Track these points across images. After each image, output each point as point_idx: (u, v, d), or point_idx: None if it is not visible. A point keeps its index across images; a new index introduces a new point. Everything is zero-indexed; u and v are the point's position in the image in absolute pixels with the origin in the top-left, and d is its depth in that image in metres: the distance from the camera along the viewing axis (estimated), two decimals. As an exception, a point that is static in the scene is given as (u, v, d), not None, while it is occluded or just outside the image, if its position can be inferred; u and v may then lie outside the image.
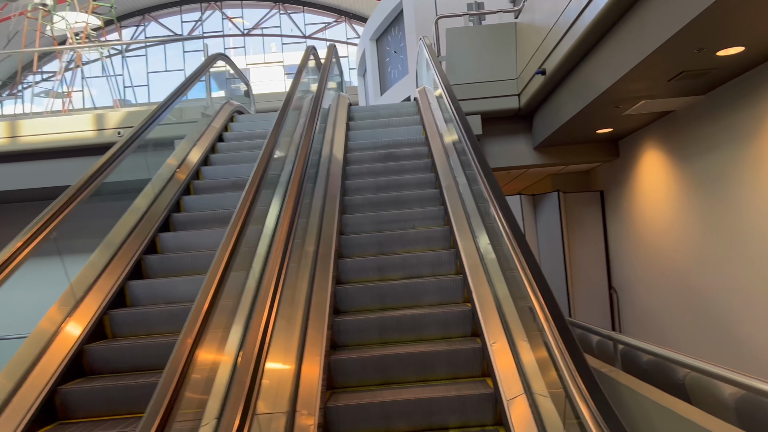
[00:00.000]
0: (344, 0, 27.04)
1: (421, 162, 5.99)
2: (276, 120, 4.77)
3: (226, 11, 27.98)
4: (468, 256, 4.17)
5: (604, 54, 5.34)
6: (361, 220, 5.04)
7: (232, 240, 2.99)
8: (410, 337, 3.72)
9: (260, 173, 3.84)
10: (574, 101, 6.32)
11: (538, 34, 6.61)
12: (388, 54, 15.69)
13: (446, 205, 4.93)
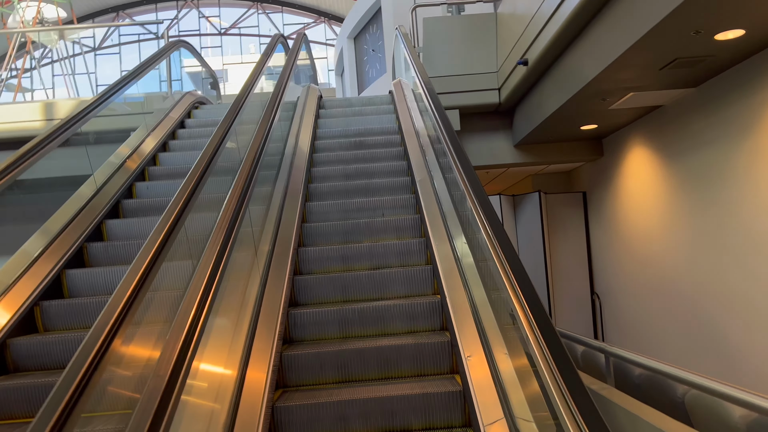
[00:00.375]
0: (324, 1, 26.55)
1: (394, 150, 5.56)
2: (230, 106, 4.28)
3: (203, 10, 27.31)
4: (441, 253, 3.73)
5: (591, 39, 4.90)
6: (326, 209, 4.69)
7: (166, 225, 2.50)
8: (374, 330, 3.47)
9: (207, 157, 3.38)
10: (558, 93, 5.88)
11: (520, 23, 6.17)
12: (366, 52, 15.22)
13: (419, 197, 4.48)
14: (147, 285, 2.21)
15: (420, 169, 4.94)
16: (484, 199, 2.92)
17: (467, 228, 3.47)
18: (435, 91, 4.76)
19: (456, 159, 3.43)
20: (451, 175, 3.78)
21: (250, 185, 3.32)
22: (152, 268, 2.25)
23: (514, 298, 2.26)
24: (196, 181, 3.15)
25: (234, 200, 2.98)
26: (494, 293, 2.94)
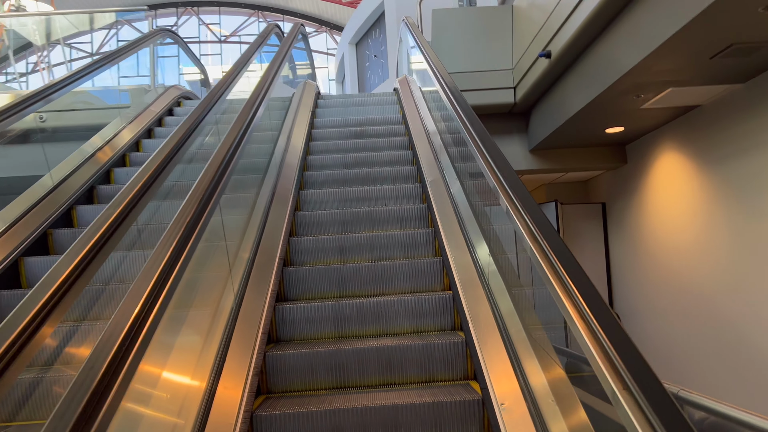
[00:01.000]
0: (325, 10, 26.04)
1: (402, 153, 4.83)
2: (207, 94, 3.62)
3: (203, 17, 26.77)
4: (459, 264, 3.02)
5: (630, 23, 4.21)
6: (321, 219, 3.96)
7: (119, 207, 2.23)
8: (374, 330, 3.07)
9: (177, 139, 2.80)
10: (585, 89, 5.19)
11: (542, 12, 5.49)
12: (368, 58, 14.59)
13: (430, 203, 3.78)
14: (88, 273, 1.86)
15: (431, 170, 4.24)
16: (518, 186, 2.25)
17: (489, 228, 2.78)
18: (448, 74, 4.07)
19: (482, 146, 2.73)
20: (468, 166, 3.10)
21: (224, 168, 2.63)
22: (95, 254, 1.93)
23: (569, 302, 1.57)
24: (158, 167, 2.57)
25: (206, 180, 2.34)
26: (519, 289, 2.54)
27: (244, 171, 3.68)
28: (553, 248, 1.85)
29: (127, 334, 1.45)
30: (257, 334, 2.67)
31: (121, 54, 5.43)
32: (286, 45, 5.27)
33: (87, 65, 4.73)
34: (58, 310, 1.63)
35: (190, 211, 2.11)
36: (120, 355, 1.39)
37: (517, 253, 2.61)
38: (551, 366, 2.21)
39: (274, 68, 4.47)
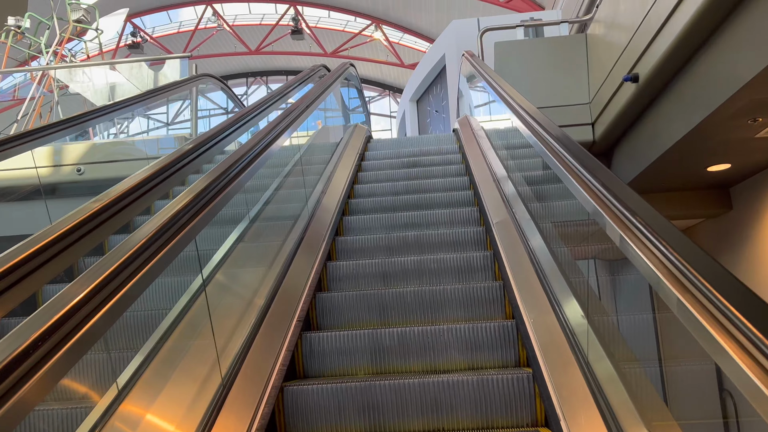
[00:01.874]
0: (388, 75, 26.15)
1: (465, 210, 3.96)
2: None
3: (272, 86, 27.44)
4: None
5: (753, 17, 3.29)
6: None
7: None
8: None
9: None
10: (683, 115, 4.23)
11: (623, 34, 4.65)
12: (429, 114, 14.04)
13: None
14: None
15: (507, 233, 3.33)
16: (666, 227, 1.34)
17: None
18: (525, 99, 3.26)
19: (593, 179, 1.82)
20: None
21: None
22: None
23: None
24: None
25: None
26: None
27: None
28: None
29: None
30: (274, 367, 1.81)
31: (150, 97, 4.94)
32: (324, 84, 4.62)
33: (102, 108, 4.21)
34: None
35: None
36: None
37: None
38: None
39: (299, 110, 3.78)
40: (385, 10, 20.99)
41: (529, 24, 6.04)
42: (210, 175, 2.21)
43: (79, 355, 1.20)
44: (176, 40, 22.42)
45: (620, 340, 2.10)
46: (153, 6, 20.81)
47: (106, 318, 1.32)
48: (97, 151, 6.14)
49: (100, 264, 1.45)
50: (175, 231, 1.82)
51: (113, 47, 21.68)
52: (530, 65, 5.76)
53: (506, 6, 17.57)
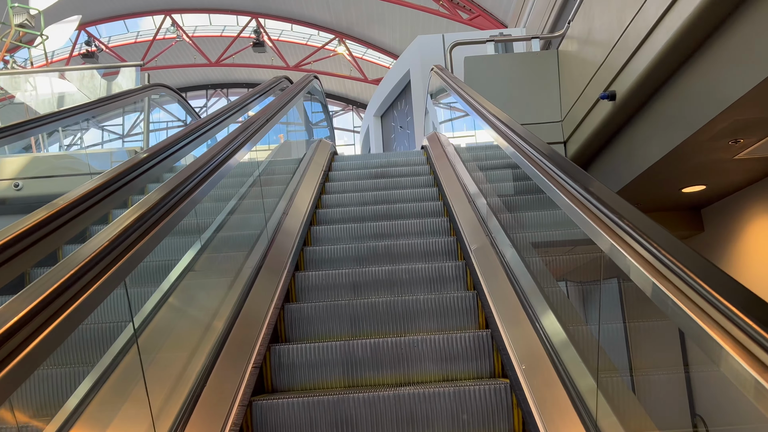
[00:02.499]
0: (351, 90, 25.94)
1: (435, 222, 3.67)
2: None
3: (232, 98, 26.87)
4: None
5: (743, 32, 3.12)
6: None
7: None
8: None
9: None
10: (663, 136, 4.05)
11: (598, 51, 4.48)
12: (393, 130, 13.82)
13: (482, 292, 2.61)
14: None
15: (479, 243, 3.09)
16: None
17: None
18: (499, 110, 3.02)
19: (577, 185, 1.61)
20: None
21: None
22: None
23: None
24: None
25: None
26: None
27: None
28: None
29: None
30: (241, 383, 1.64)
31: (97, 106, 4.51)
32: (287, 97, 4.29)
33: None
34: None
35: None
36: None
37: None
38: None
39: (254, 126, 3.44)
40: (348, 24, 20.80)
41: (500, 39, 5.85)
42: (157, 193, 1.87)
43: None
44: (133, 50, 21.71)
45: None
46: (109, 14, 20.11)
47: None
48: (39, 164, 5.64)
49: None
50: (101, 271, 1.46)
51: (66, 56, 20.82)
52: (501, 81, 5.56)
53: (469, 23, 17.59)
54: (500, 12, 17.39)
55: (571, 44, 5.25)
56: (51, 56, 21.49)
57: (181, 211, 2.03)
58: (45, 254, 1.44)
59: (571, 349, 2.10)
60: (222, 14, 20.80)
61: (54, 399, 1.59)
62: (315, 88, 6.26)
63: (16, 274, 1.29)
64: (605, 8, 4.39)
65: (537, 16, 11.84)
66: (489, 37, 5.88)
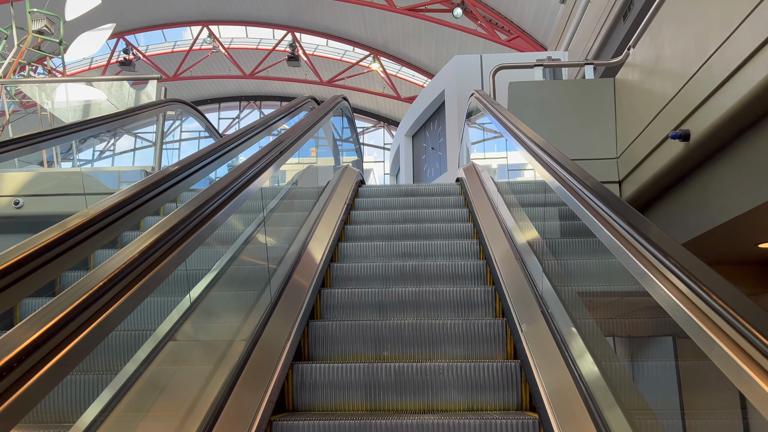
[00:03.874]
0: (384, 107, 25.51)
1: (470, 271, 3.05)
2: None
3: (265, 111, 26.69)
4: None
5: None
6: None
7: None
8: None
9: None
10: (747, 185, 3.38)
11: (672, 79, 3.83)
12: (424, 151, 13.24)
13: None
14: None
15: (528, 311, 2.48)
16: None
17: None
18: (556, 149, 2.45)
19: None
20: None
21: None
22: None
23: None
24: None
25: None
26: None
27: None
28: None
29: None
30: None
31: (106, 122, 4.04)
32: (312, 120, 3.74)
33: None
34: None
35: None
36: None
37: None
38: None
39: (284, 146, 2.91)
40: (384, 41, 20.39)
41: (550, 64, 5.23)
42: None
43: None
44: (169, 60, 21.65)
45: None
46: (148, 24, 20.06)
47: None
48: (43, 181, 5.20)
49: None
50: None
51: (103, 63, 20.85)
52: (549, 110, 4.94)
53: (507, 44, 17.01)
54: (540, 34, 16.76)
55: (631, 72, 4.61)
56: (89, 62, 21.57)
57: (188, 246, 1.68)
58: (46, 281, 1.31)
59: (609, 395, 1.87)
60: (259, 27, 20.59)
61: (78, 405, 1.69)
62: (343, 110, 5.72)
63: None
64: (680, 34, 3.75)
65: (581, 40, 11.19)
66: (536, 61, 5.27)
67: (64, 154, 6.40)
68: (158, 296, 1.67)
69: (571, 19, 12.83)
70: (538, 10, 15.93)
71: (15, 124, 7.30)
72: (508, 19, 16.83)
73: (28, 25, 6.28)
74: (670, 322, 1.43)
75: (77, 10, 10.69)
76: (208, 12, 19.69)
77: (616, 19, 9.13)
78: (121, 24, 19.49)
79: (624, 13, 8.83)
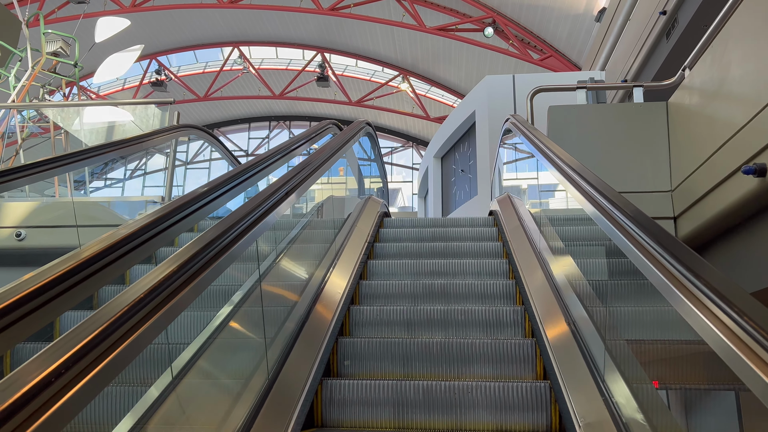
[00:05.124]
0: (413, 127, 25.15)
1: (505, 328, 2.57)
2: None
3: (294, 131, 26.59)
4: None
5: None
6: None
7: None
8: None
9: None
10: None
11: (741, 103, 3.31)
12: (454, 173, 12.76)
13: None
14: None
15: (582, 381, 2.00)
16: None
17: None
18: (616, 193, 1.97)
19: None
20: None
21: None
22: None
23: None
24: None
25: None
26: None
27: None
28: None
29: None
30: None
31: (110, 150, 3.69)
32: (342, 140, 3.31)
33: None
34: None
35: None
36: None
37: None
38: None
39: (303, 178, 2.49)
40: (413, 61, 20.08)
41: (593, 86, 4.73)
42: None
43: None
44: (200, 80, 21.72)
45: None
46: (180, 45, 20.16)
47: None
48: (49, 211, 4.89)
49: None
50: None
51: (136, 84, 21.00)
52: (593, 137, 4.44)
53: (540, 64, 16.49)
54: (574, 53, 16.22)
55: (689, 96, 4.08)
56: (123, 84, 21.78)
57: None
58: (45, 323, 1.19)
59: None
60: (289, 48, 20.51)
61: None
62: (367, 136, 5.30)
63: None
64: (752, 53, 3.24)
65: (619, 60, 10.64)
66: (577, 83, 4.78)
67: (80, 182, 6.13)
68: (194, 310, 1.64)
69: (607, 38, 12.29)
70: (572, 29, 15.41)
71: (35, 149, 7.10)
72: (541, 38, 16.34)
73: (42, 46, 6.07)
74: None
75: (107, 32, 10.60)
76: (239, 33, 19.70)
77: (658, 38, 8.58)
78: (153, 45, 19.63)
79: (667, 32, 8.27)
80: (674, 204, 4.16)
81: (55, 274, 1.22)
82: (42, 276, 1.18)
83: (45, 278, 1.18)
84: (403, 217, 5.20)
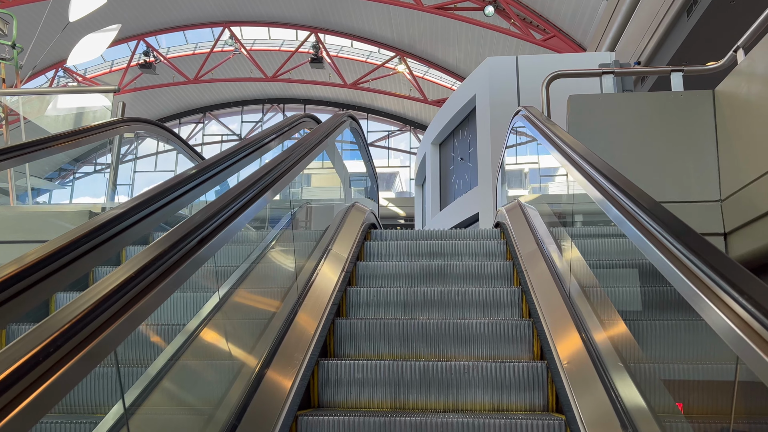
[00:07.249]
0: (410, 110, 24.20)
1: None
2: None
3: (288, 113, 25.64)
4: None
5: None
6: None
7: None
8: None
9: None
10: None
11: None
12: (452, 161, 11.92)
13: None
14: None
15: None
16: None
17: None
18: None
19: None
20: None
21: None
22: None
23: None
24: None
25: None
26: None
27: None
28: None
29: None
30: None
31: (34, 149, 2.87)
32: (318, 138, 2.50)
33: None
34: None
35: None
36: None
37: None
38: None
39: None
40: (411, 42, 19.07)
41: (621, 71, 3.87)
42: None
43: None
44: (190, 62, 20.70)
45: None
46: (168, 25, 19.11)
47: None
48: (26, 220, 4.03)
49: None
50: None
51: (124, 66, 19.99)
52: (621, 131, 3.61)
53: (542, 44, 15.54)
54: (578, 33, 15.25)
55: (745, 84, 3.24)
56: (110, 66, 20.77)
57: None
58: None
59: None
60: (282, 28, 19.48)
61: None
62: (351, 131, 4.46)
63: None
64: None
65: (632, 40, 9.74)
66: (600, 67, 3.93)
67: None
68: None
69: (615, 17, 11.37)
70: (577, 7, 14.43)
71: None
72: (544, 17, 15.36)
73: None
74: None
75: (81, 10, 9.63)
76: (230, 13, 18.65)
77: (677, 15, 7.69)
78: (141, 25, 18.59)
79: (689, 8, 7.37)
80: (724, 217, 3.35)
81: None
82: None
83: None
84: (388, 231, 4.39)
